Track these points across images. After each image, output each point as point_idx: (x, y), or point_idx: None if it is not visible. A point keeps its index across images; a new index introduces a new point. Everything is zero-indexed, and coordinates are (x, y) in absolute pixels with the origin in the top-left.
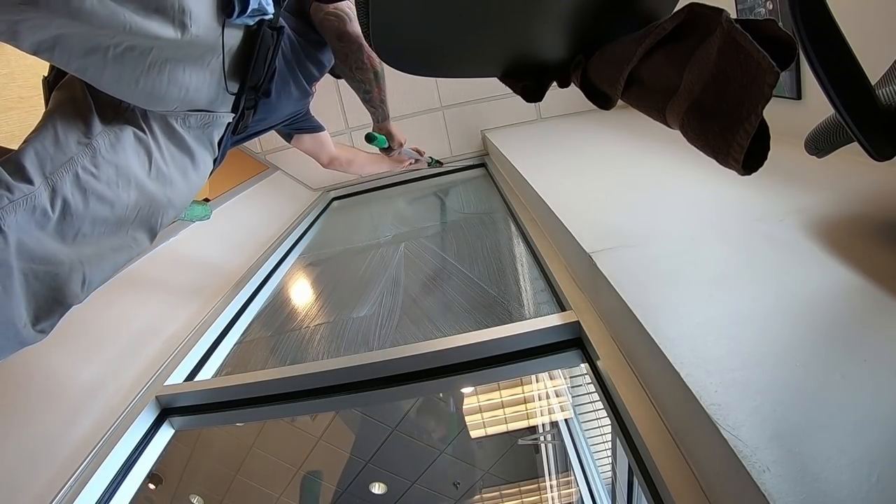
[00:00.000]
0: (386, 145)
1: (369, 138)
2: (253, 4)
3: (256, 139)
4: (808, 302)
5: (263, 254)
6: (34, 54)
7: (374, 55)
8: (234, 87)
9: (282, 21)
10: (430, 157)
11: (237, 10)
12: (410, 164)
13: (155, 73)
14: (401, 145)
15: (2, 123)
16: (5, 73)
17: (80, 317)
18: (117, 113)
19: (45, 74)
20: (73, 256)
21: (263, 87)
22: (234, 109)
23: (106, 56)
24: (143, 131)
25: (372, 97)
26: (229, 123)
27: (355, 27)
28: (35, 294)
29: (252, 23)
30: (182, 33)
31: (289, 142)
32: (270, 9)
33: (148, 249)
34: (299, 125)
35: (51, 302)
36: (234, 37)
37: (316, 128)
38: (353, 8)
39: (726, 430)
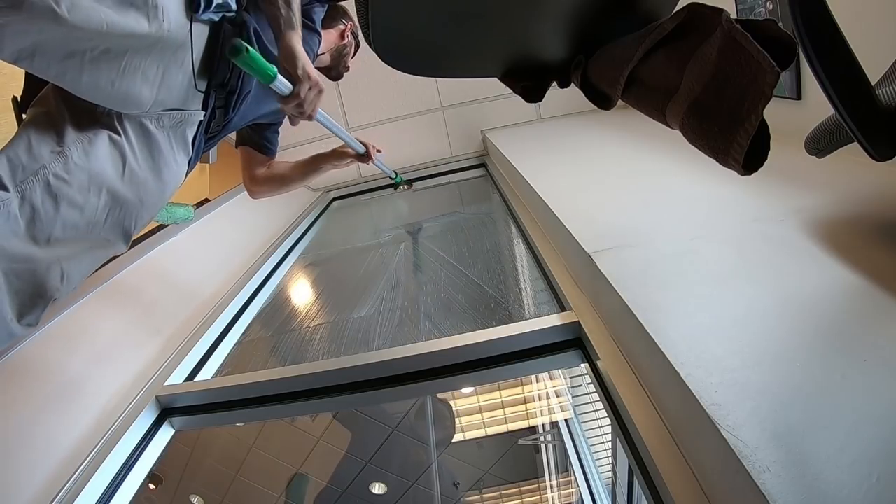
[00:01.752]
0: (269, 72)
1: (233, 51)
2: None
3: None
4: (807, 302)
5: (264, 254)
6: (14, 62)
7: None
8: (203, 85)
9: (247, 18)
10: (397, 175)
11: (202, 5)
12: (352, 158)
13: (130, 73)
14: (304, 79)
15: (2, 124)
16: (5, 73)
17: (80, 317)
18: (93, 119)
19: (16, 96)
20: (50, 256)
21: (231, 85)
22: (205, 108)
23: (83, 60)
24: (119, 134)
25: None
26: (201, 122)
27: None
28: (17, 291)
29: (217, 18)
30: (155, 27)
31: (236, 147)
32: (233, 4)
33: (148, 249)
34: (262, 139)
35: (33, 297)
36: (201, 34)
37: (269, 150)
38: None
39: (726, 430)
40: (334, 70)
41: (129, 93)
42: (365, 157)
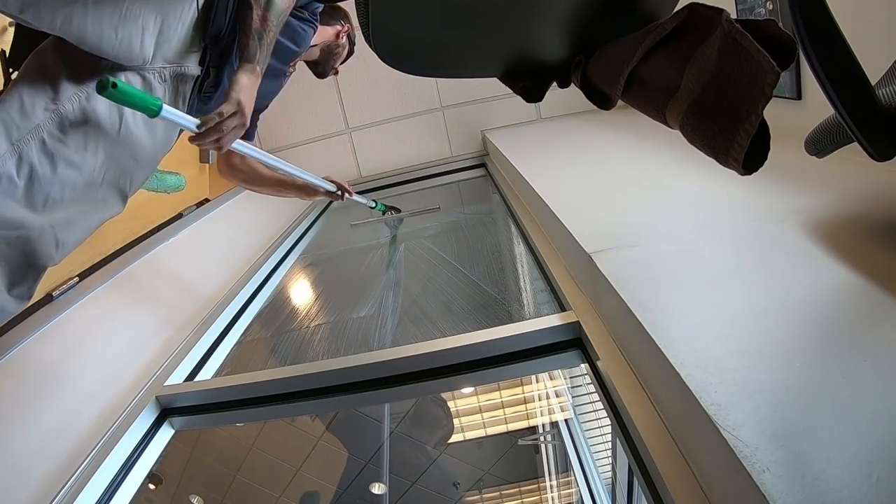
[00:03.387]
0: (151, 106)
1: (100, 88)
2: None
3: (256, 139)
4: (808, 302)
5: (264, 254)
6: (20, 14)
7: None
8: (199, 40)
9: None
10: (377, 203)
11: None
12: (322, 196)
13: (131, 20)
14: (227, 119)
15: None
16: None
17: (80, 317)
18: (94, 71)
19: (4, 49)
20: (44, 221)
21: (226, 42)
22: (201, 63)
23: (87, 2)
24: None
25: (248, 21)
26: (197, 78)
27: None
28: (7, 259)
29: None
30: None
31: None
32: None
33: (148, 250)
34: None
35: (24, 266)
36: None
37: (248, 133)
38: None
39: (726, 430)
40: (321, 66)
41: (132, 40)
42: (336, 195)
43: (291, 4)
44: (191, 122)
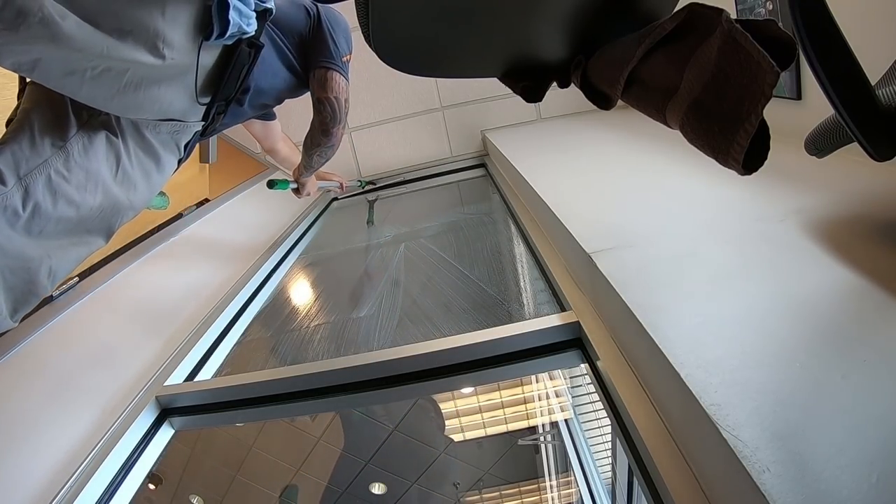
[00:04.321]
0: (287, 189)
1: (270, 184)
2: (232, 29)
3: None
4: (808, 302)
5: (263, 254)
6: (15, 71)
7: (340, 134)
8: (206, 100)
9: (264, 39)
10: (359, 182)
11: (216, 32)
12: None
13: (130, 91)
14: (308, 194)
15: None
16: (6, 72)
17: (80, 317)
18: (91, 115)
19: None
20: (41, 251)
21: (235, 98)
22: (205, 118)
23: (83, 77)
24: (115, 135)
25: (315, 155)
26: (197, 131)
27: (339, 127)
28: (12, 288)
29: (230, 43)
30: (157, 58)
31: None
32: (251, 28)
33: (148, 249)
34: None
35: (27, 294)
36: (210, 56)
37: (269, 116)
38: (344, 94)
39: (726, 430)
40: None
41: (128, 106)
42: (336, 190)
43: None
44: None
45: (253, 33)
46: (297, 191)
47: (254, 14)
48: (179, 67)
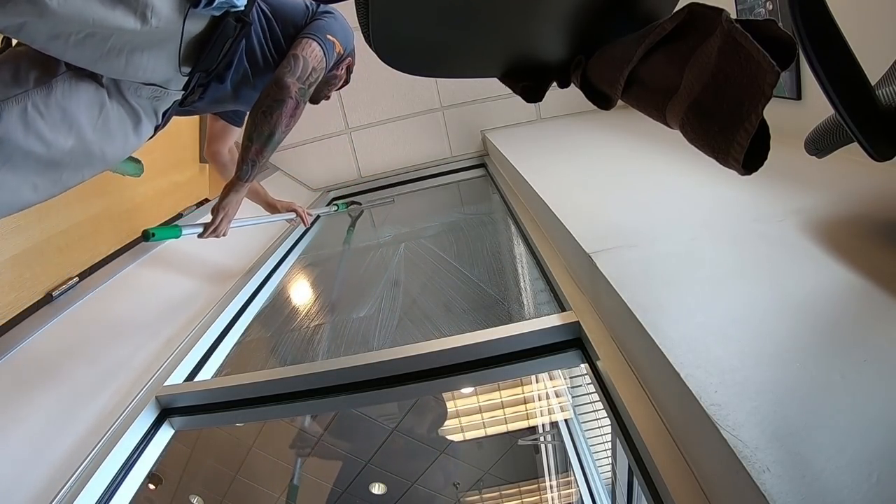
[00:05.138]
0: (178, 237)
1: (146, 236)
2: (221, 0)
3: None
4: (807, 302)
5: (263, 254)
6: (16, 34)
7: (284, 122)
8: (188, 70)
9: (253, 18)
10: (338, 205)
11: (203, 2)
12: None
13: (114, 56)
14: (218, 223)
15: None
16: None
17: (79, 317)
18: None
19: None
20: None
21: (217, 72)
22: (186, 87)
23: (67, 42)
24: (102, 86)
25: (248, 150)
26: (176, 100)
27: (295, 81)
28: None
29: (218, 14)
30: (143, 24)
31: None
32: (241, 1)
33: (148, 250)
34: (232, 113)
35: None
36: (196, 24)
37: (237, 121)
38: (314, 62)
39: (726, 430)
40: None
41: (111, 70)
42: (294, 222)
43: (286, 134)
44: (196, 229)
45: (242, 7)
46: (207, 227)
47: None
48: (164, 33)
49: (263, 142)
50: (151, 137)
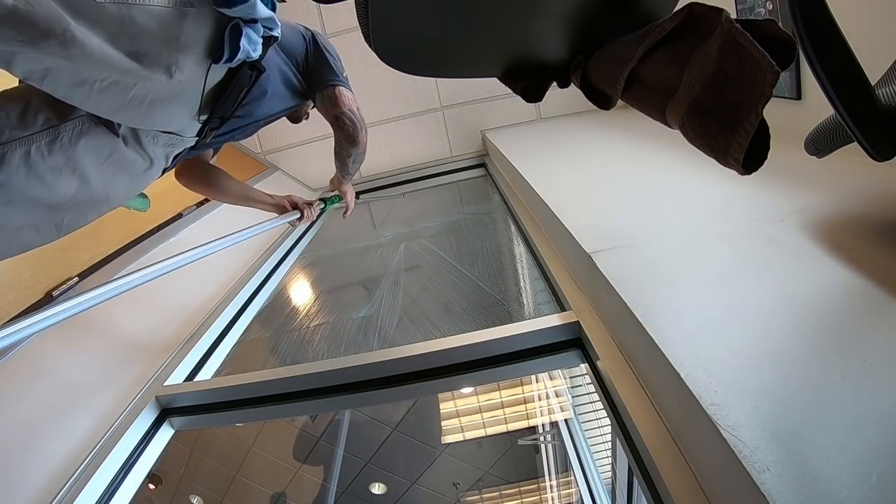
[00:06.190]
0: (335, 205)
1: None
2: (241, 54)
3: (256, 139)
4: (808, 302)
5: (263, 254)
6: (24, 80)
7: (365, 139)
8: (204, 117)
9: (265, 64)
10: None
11: (225, 57)
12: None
13: (135, 105)
14: (347, 209)
15: None
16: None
17: (79, 317)
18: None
19: None
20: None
21: (230, 116)
22: (199, 134)
23: (91, 88)
24: (117, 135)
25: (350, 163)
26: (189, 146)
27: (362, 132)
28: None
29: (236, 66)
30: (168, 78)
31: None
32: (256, 53)
33: (148, 249)
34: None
35: None
36: (215, 76)
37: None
38: (353, 104)
39: (726, 430)
40: (295, 113)
41: (132, 118)
42: (295, 223)
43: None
44: (292, 217)
45: (256, 57)
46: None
47: (261, 41)
48: (185, 86)
49: (353, 171)
50: (158, 178)
